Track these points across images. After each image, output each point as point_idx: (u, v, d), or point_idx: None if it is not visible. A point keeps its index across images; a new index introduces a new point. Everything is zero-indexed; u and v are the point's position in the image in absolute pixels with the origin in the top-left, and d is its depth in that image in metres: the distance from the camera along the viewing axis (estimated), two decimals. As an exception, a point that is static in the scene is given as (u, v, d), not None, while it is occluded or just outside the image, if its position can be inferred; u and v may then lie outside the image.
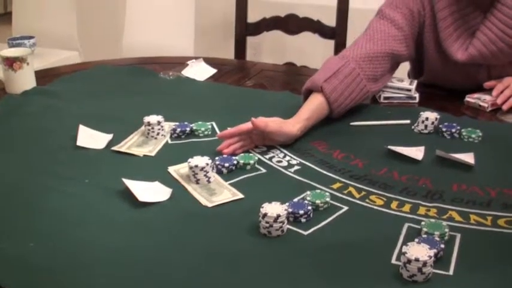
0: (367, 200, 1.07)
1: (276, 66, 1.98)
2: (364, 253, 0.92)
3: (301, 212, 0.99)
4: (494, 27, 1.48)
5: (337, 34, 2.21)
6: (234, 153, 1.22)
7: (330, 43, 2.20)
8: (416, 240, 0.91)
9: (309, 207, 1.01)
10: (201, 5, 3.14)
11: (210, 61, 1.82)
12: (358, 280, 0.86)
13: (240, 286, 0.85)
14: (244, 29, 2.27)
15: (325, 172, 1.17)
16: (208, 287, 0.85)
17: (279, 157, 1.23)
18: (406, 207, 1.05)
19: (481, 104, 1.52)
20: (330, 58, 1.49)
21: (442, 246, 0.91)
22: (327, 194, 1.06)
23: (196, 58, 1.80)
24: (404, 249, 0.87)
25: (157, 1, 2.54)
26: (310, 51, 2.76)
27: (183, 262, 0.90)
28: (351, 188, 1.11)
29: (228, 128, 1.27)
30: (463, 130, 1.34)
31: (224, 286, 0.85)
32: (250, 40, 2.35)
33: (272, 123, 1.24)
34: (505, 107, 1.49)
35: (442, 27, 1.53)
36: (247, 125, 1.24)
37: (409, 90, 1.54)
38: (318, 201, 1.03)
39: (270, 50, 3.36)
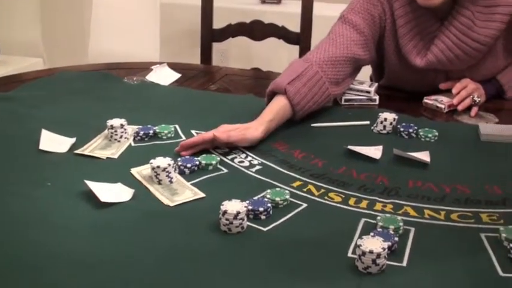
0: (325, 197, 1.10)
1: (240, 70, 2.00)
2: (321, 247, 0.95)
3: (261, 209, 1.02)
4: (451, 34, 1.52)
5: (301, 40, 2.24)
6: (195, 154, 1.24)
7: (295, 48, 2.24)
8: (372, 234, 0.94)
9: (269, 205, 1.03)
10: (166, 13, 3.17)
11: (175, 66, 1.84)
12: (315, 273, 0.89)
13: (202, 282, 0.86)
14: (210, 35, 2.29)
15: (285, 171, 1.20)
16: (170, 284, 0.86)
17: (240, 157, 1.25)
18: (363, 204, 1.08)
19: (438, 105, 1.56)
20: (294, 61, 1.52)
21: (396, 239, 0.94)
22: (287, 191, 1.09)
23: (160, 63, 1.81)
24: (359, 242, 0.90)
25: (123, 8, 2.55)
26: (276, 56, 2.80)
27: (144, 260, 0.91)
28: (310, 186, 1.14)
29: (193, 132, 1.28)
30: (420, 130, 1.38)
31: (186, 283, 0.86)
32: (217, 47, 2.37)
33: (234, 133, 1.26)
34: (460, 108, 1.54)
35: (401, 33, 1.57)
36: (209, 134, 1.25)
37: (369, 92, 1.58)
38: (277, 199, 1.06)
39: (237, 56, 3.39)
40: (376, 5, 1.57)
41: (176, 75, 1.77)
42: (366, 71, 1.89)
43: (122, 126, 1.31)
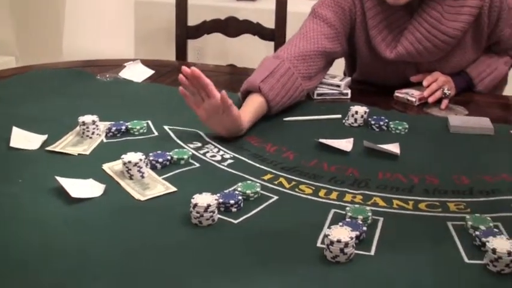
0: (296, 190, 1.11)
1: (215, 67, 2.01)
2: (291, 238, 0.96)
3: (232, 201, 1.02)
4: (421, 27, 1.54)
5: (276, 36, 2.26)
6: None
7: (271, 45, 2.25)
8: (340, 223, 0.95)
9: (240, 198, 1.04)
10: (142, 11, 3.16)
11: (149, 63, 1.84)
12: (284, 263, 0.90)
13: (172, 273, 0.87)
14: (185, 32, 2.30)
15: (257, 165, 1.21)
16: (141, 277, 0.86)
17: (213, 152, 1.26)
18: (334, 195, 1.09)
19: (409, 98, 1.58)
20: (265, 59, 1.53)
21: (365, 228, 0.96)
22: (258, 184, 1.10)
23: (134, 60, 1.81)
24: (327, 232, 0.91)
25: (97, 6, 2.54)
26: (252, 53, 2.80)
27: (114, 253, 0.91)
28: (281, 179, 1.15)
29: (165, 128, 1.29)
30: (390, 123, 1.40)
31: (156, 274, 0.86)
32: (193, 44, 2.37)
33: (235, 107, 1.26)
34: (431, 100, 1.56)
35: (371, 26, 1.59)
36: (214, 89, 1.25)
37: (339, 86, 1.59)
38: (248, 192, 1.07)
39: (213, 53, 3.39)
40: None
41: (149, 72, 1.77)
42: (342, 66, 1.91)
43: (93, 122, 1.31)
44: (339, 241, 0.89)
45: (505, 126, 1.44)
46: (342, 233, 0.90)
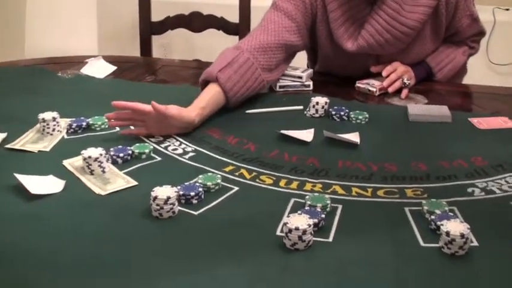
0: (257, 180, 1.12)
1: (180, 62, 2.01)
2: (251, 227, 0.97)
3: (192, 193, 1.03)
4: (381, 19, 1.57)
5: (240, 30, 2.26)
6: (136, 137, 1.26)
7: (236, 39, 2.25)
8: (299, 212, 0.96)
9: (200, 189, 1.05)
10: (105, 8, 3.13)
11: (111, 59, 1.83)
12: (245, 252, 0.91)
13: (133, 266, 0.87)
14: (149, 28, 2.29)
15: (218, 157, 1.22)
16: (102, 269, 0.86)
17: (174, 145, 1.26)
18: (294, 185, 1.11)
19: (370, 88, 1.61)
20: (225, 50, 1.53)
21: (323, 216, 0.97)
22: (218, 176, 1.11)
23: (95, 56, 1.80)
24: (286, 220, 0.92)
25: (58, 4, 2.51)
26: (218, 47, 2.79)
27: (75, 248, 0.91)
28: (242, 170, 1.16)
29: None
30: (351, 113, 1.42)
31: (117, 267, 0.87)
32: (159, 40, 2.36)
33: (172, 108, 1.27)
34: (391, 90, 1.59)
35: (333, 18, 1.61)
36: (144, 106, 1.26)
37: (301, 77, 1.61)
38: (209, 183, 1.07)
39: (179, 49, 3.39)
40: None
41: (112, 68, 1.76)
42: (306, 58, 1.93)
43: (54, 119, 1.30)
44: (297, 229, 0.90)
45: (464, 113, 1.47)
46: (300, 221, 0.92)
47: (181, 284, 0.83)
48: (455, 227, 0.91)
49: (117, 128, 1.34)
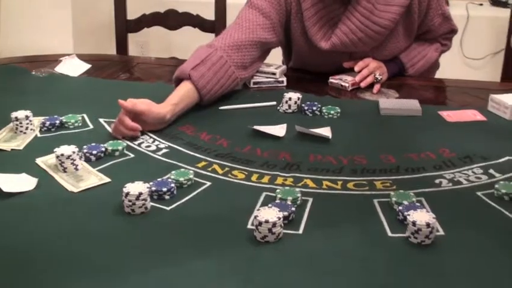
0: (229, 175, 1.14)
1: (156, 60, 2.01)
2: (222, 221, 0.99)
3: (164, 189, 1.04)
4: (354, 18, 1.59)
5: (217, 27, 2.27)
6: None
7: (213, 36, 2.26)
8: (269, 205, 0.98)
9: (172, 185, 1.06)
10: (80, 6, 3.12)
11: (86, 57, 1.83)
12: (215, 246, 0.92)
13: (106, 262, 0.88)
14: (125, 26, 2.29)
15: (191, 153, 1.23)
16: (75, 266, 0.87)
17: (148, 142, 1.27)
18: (265, 179, 1.12)
19: (343, 84, 1.63)
20: (199, 47, 1.54)
21: (293, 209, 0.99)
22: (191, 171, 1.12)
23: (70, 55, 1.80)
24: (256, 213, 0.94)
25: (32, 1, 2.50)
26: (195, 45, 2.80)
27: (47, 245, 0.91)
28: (215, 166, 1.17)
29: (101, 121, 1.30)
30: (323, 108, 1.44)
31: (91, 264, 0.87)
32: (136, 38, 2.36)
33: (141, 104, 1.28)
34: (363, 85, 1.61)
35: (307, 17, 1.63)
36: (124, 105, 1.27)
37: (274, 74, 1.62)
38: (181, 179, 1.08)
39: (157, 47, 3.39)
40: None
41: (86, 66, 1.77)
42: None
43: (27, 117, 1.30)
44: (266, 221, 0.92)
45: (434, 107, 1.50)
46: (269, 214, 0.93)
47: (153, 277, 0.84)
48: (421, 217, 0.94)
49: (91, 126, 1.35)
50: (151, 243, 0.93)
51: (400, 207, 0.99)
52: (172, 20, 2.34)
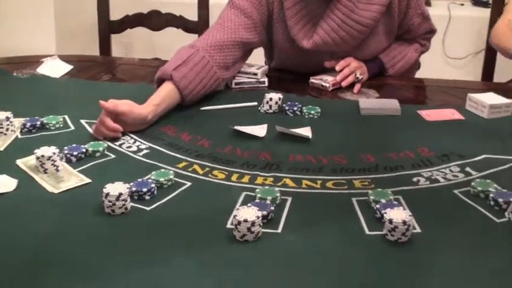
0: (209, 175, 1.15)
1: (140, 61, 2.01)
2: (202, 221, 1.00)
3: (145, 189, 1.05)
4: (335, 16, 1.60)
5: (200, 28, 2.27)
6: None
7: (196, 37, 2.26)
8: (248, 204, 0.99)
9: (153, 185, 1.06)
10: (64, 8, 3.11)
11: (68, 58, 1.83)
12: (195, 245, 0.93)
13: (87, 263, 0.88)
14: (108, 27, 2.29)
15: (172, 153, 1.23)
16: (56, 267, 0.87)
17: (129, 143, 1.27)
18: (245, 179, 1.13)
19: (324, 84, 1.64)
20: (181, 48, 1.55)
21: (272, 208, 1.00)
22: (171, 172, 1.12)
23: (51, 56, 1.80)
24: (235, 212, 0.95)
25: (13, 2, 2.49)
26: (179, 46, 2.80)
27: (30, 246, 0.92)
28: (195, 166, 1.18)
29: (82, 122, 1.30)
30: (304, 108, 1.45)
31: (72, 264, 0.88)
32: (120, 39, 2.36)
33: (122, 104, 1.28)
34: (344, 84, 1.63)
35: (289, 16, 1.64)
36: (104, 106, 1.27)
37: (256, 74, 1.63)
38: (161, 179, 1.09)
39: (140, 47, 3.39)
40: None
41: (68, 67, 1.76)
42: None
43: (7, 119, 1.30)
44: (245, 221, 0.93)
45: (413, 106, 1.52)
46: (248, 213, 0.94)
47: (133, 277, 0.85)
48: (398, 214, 0.95)
49: (72, 127, 1.35)
50: (131, 243, 0.93)
51: (378, 206, 1.01)
52: (155, 21, 2.35)
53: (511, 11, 1.81)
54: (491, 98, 1.46)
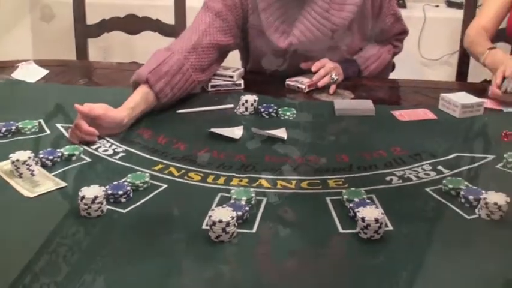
0: (185, 177, 1.15)
1: (117, 64, 2.02)
2: (179, 222, 1.01)
3: (120, 192, 1.05)
4: (310, 17, 1.62)
5: (177, 32, 2.28)
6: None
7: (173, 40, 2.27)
8: (224, 205, 1.00)
9: (128, 188, 1.07)
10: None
11: (44, 63, 1.82)
12: (171, 246, 0.94)
13: (62, 266, 0.88)
14: (84, 31, 2.28)
15: (148, 156, 1.24)
16: (32, 270, 0.87)
17: (105, 147, 1.28)
18: (221, 180, 1.14)
19: (299, 85, 1.66)
20: (157, 51, 1.55)
21: (247, 208, 1.01)
22: (147, 174, 1.13)
23: (27, 60, 1.79)
24: (210, 213, 0.96)
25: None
26: (156, 49, 2.81)
27: (5, 251, 0.92)
28: (171, 168, 1.19)
29: (58, 126, 1.30)
30: (279, 109, 1.47)
31: (47, 268, 0.88)
32: (98, 43, 2.35)
33: (98, 108, 1.29)
34: (320, 84, 1.65)
35: (264, 17, 1.65)
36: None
37: (232, 77, 1.65)
38: (137, 182, 1.10)
39: (119, 52, 3.37)
40: None
41: (43, 72, 1.76)
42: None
43: (-18, 124, 1.30)
44: (220, 221, 0.94)
45: (387, 107, 1.54)
46: (223, 214, 0.95)
47: (109, 279, 0.86)
48: (370, 213, 0.97)
49: (48, 132, 1.35)
50: (107, 245, 0.94)
51: (351, 204, 1.02)
52: (132, 24, 2.34)
53: (484, 15, 1.84)
54: (463, 98, 1.49)
